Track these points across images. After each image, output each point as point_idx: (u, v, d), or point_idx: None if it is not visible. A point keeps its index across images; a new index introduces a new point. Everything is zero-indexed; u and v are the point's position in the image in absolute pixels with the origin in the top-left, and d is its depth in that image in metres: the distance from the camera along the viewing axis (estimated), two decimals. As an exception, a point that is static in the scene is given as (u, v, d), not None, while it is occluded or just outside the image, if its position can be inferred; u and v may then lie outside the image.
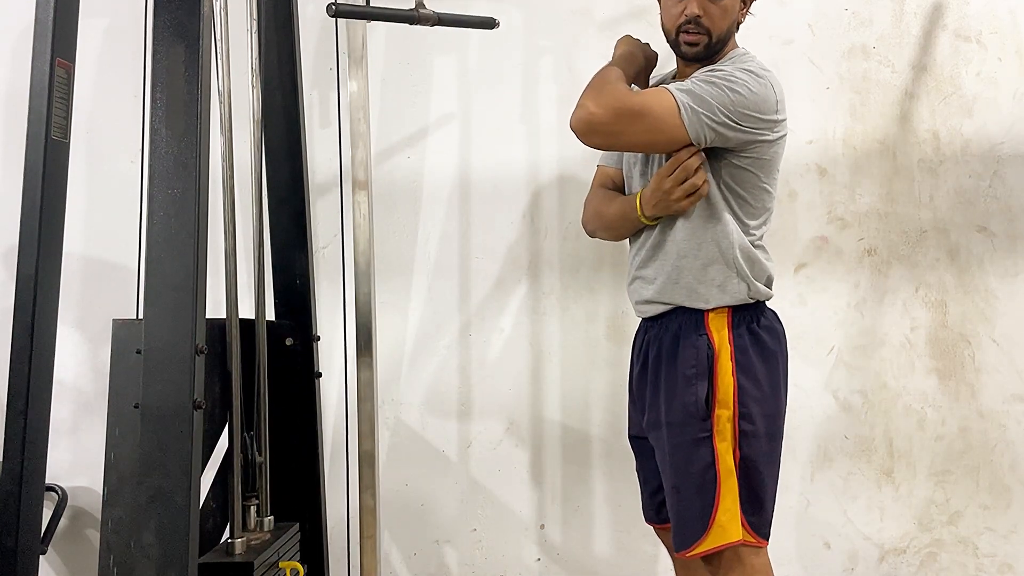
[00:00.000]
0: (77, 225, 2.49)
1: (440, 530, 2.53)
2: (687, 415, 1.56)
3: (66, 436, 2.51)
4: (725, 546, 1.52)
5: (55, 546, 2.51)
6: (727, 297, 1.60)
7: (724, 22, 1.64)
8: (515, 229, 2.53)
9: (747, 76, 1.55)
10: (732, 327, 1.59)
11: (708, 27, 1.62)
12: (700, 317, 1.60)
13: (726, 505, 1.52)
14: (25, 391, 1.57)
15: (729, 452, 1.53)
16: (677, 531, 1.59)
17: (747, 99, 1.53)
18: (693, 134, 1.52)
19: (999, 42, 2.44)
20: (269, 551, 1.69)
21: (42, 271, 1.59)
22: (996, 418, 2.40)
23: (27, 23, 1.68)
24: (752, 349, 1.58)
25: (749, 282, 1.60)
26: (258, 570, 1.61)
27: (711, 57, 1.67)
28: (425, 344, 2.53)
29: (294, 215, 2.04)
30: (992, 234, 2.41)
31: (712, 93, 1.52)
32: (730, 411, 1.54)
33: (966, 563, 2.41)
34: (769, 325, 1.63)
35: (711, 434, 1.53)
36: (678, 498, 1.57)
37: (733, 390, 1.54)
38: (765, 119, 1.56)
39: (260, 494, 1.81)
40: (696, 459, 1.54)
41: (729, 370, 1.55)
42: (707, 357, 1.56)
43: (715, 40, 1.65)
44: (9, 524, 1.55)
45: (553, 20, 2.54)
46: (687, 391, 1.56)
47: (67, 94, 1.65)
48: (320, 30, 2.52)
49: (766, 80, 1.58)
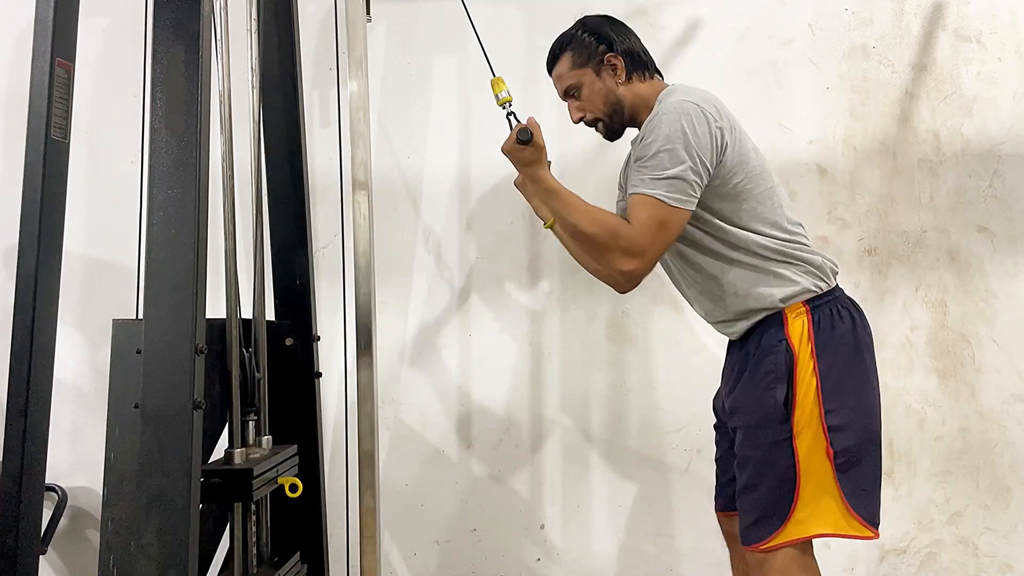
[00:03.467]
0: (77, 225, 2.49)
1: (440, 530, 2.53)
2: (766, 417, 1.58)
3: (66, 436, 2.51)
4: (790, 543, 1.55)
5: (55, 546, 2.51)
6: (779, 303, 1.60)
7: (598, 103, 1.73)
8: (515, 229, 2.53)
9: (667, 123, 1.55)
10: (811, 325, 1.58)
11: (593, 116, 1.74)
12: (778, 318, 1.60)
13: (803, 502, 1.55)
14: (25, 391, 1.56)
15: (815, 449, 1.55)
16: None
17: (687, 137, 1.53)
18: (689, 200, 1.54)
19: (999, 42, 2.44)
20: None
21: (42, 271, 1.59)
22: (996, 418, 2.40)
23: (27, 23, 1.68)
24: (830, 346, 1.57)
25: (789, 281, 1.61)
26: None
27: (631, 122, 1.74)
28: (425, 344, 2.53)
29: (294, 215, 2.04)
30: (992, 234, 2.41)
31: (661, 160, 1.53)
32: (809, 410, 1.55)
33: (966, 563, 2.41)
34: (843, 314, 1.61)
35: (791, 435, 1.55)
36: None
37: (815, 389, 1.55)
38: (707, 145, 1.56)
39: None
40: (777, 458, 1.57)
41: (808, 371, 1.55)
42: (786, 362, 1.57)
43: (608, 118, 1.74)
44: (9, 524, 1.54)
45: (553, 20, 2.53)
46: (766, 394, 1.58)
47: (67, 94, 1.65)
48: (320, 30, 2.52)
49: (683, 110, 1.55)
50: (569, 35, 1.76)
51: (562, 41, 1.76)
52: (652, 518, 2.49)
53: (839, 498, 1.54)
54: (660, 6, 2.51)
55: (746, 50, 2.49)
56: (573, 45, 1.73)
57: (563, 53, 1.74)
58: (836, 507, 1.54)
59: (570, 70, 1.73)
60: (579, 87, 1.73)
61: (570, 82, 1.74)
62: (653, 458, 2.49)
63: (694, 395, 2.46)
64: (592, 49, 1.71)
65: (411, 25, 2.55)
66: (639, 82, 1.72)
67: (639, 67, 1.72)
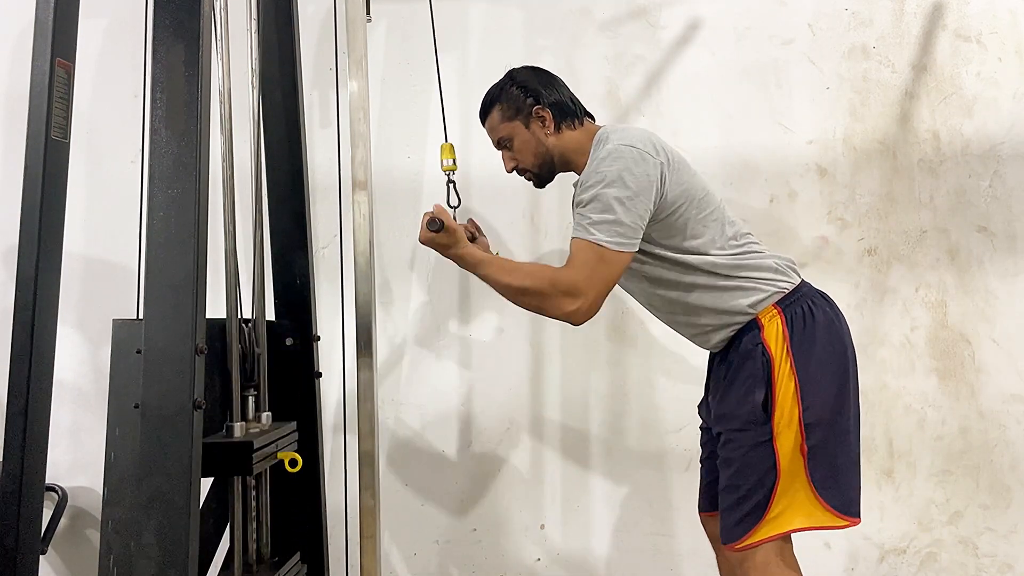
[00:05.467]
0: (77, 225, 2.49)
1: (440, 530, 2.53)
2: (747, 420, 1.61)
3: (66, 436, 2.51)
4: (768, 539, 1.57)
5: (55, 546, 2.51)
6: (749, 309, 1.64)
7: (528, 155, 1.78)
8: (515, 229, 2.53)
9: (605, 167, 1.58)
10: (785, 326, 1.61)
11: (525, 167, 1.80)
12: (753, 324, 1.64)
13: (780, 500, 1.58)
14: (25, 391, 1.56)
15: (793, 447, 1.57)
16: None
17: (625, 180, 1.55)
18: (628, 243, 1.56)
19: (999, 42, 2.44)
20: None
21: (42, 271, 1.59)
22: (996, 418, 2.40)
23: (27, 23, 1.68)
24: (804, 344, 1.60)
25: (752, 288, 1.64)
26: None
27: (563, 168, 1.79)
28: (425, 344, 2.53)
29: (294, 215, 2.04)
30: (992, 234, 2.41)
31: (598, 205, 1.56)
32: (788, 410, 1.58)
33: (966, 563, 2.41)
34: (813, 310, 1.64)
35: (772, 436, 1.57)
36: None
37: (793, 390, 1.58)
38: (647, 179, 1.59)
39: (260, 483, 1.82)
40: (759, 460, 1.59)
41: (786, 372, 1.58)
42: (763, 364, 1.60)
43: (538, 168, 1.80)
44: (9, 524, 1.55)
45: (553, 20, 2.54)
46: (747, 398, 1.61)
47: (67, 94, 1.65)
48: (320, 30, 2.52)
49: (619, 154, 1.58)
50: (498, 88, 1.80)
51: (492, 94, 1.80)
52: (652, 518, 2.49)
53: (810, 490, 1.57)
54: (660, 6, 2.51)
55: (746, 50, 2.49)
56: (503, 98, 1.78)
57: (494, 106, 1.79)
58: (808, 500, 1.57)
59: (500, 123, 1.78)
60: (510, 139, 1.78)
61: (502, 134, 1.79)
62: (653, 458, 2.49)
63: (694, 395, 2.45)
64: (521, 102, 1.76)
65: (411, 25, 2.56)
66: (568, 131, 1.76)
67: (567, 116, 1.76)
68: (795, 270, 1.72)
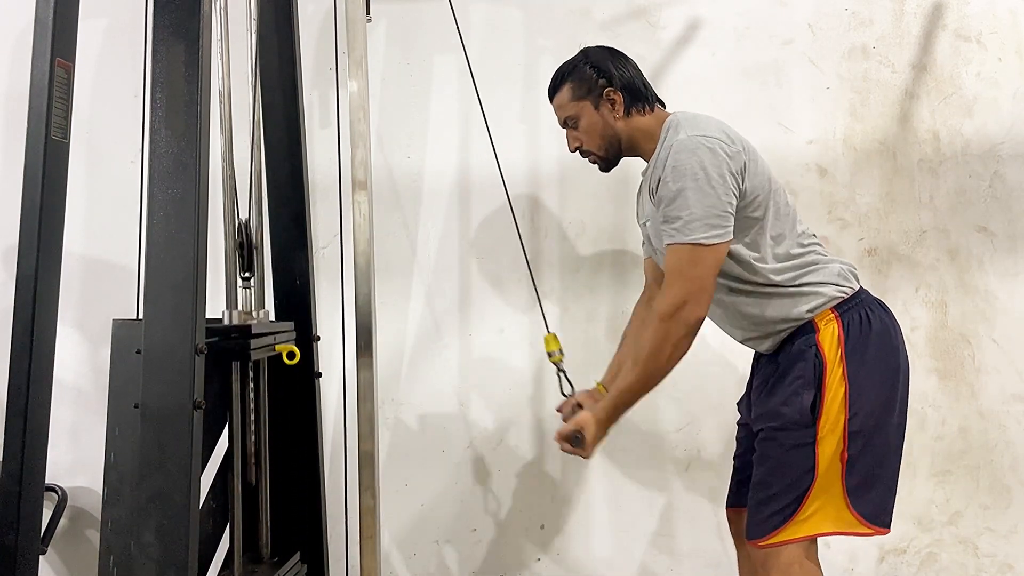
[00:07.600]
0: (77, 225, 2.49)
1: (440, 530, 2.53)
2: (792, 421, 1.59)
3: (66, 436, 2.51)
4: (794, 540, 1.57)
5: (55, 546, 2.51)
6: (807, 314, 1.62)
7: (594, 137, 1.74)
8: (515, 230, 2.53)
9: (684, 162, 1.55)
10: (841, 330, 1.59)
11: (590, 148, 1.76)
12: (809, 326, 1.62)
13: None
14: (25, 391, 1.56)
15: (834, 453, 1.56)
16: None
17: (708, 172, 1.53)
18: (723, 233, 1.54)
19: (999, 42, 2.44)
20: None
21: (42, 271, 1.59)
22: (996, 418, 2.40)
23: (27, 23, 1.68)
24: (858, 351, 1.59)
25: (814, 294, 1.63)
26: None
27: (629, 153, 1.76)
28: (425, 344, 2.53)
29: (294, 215, 2.04)
30: (992, 234, 2.41)
31: (686, 201, 1.53)
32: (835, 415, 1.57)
33: (966, 563, 2.41)
34: (871, 317, 1.63)
35: (815, 440, 1.56)
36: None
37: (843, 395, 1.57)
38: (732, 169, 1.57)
39: (259, 483, 1.82)
40: (797, 461, 1.58)
41: (837, 377, 1.57)
42: (815, 367, 1.58)
43: (604, 152, 1.75)
44: (9, 524, 1.54)
45: (553, 20, 2.54)
46: (794, 398, 1.59)
47: (67, 94, 1.65)
48: (320, 30, 2.52)
49: (696, 146, 1.56)
50: (571, 65, 1.75)
51: (564, 71, 1.76)
52: (652, 518, 2.49)
53: (843, 497, 1.56)
54: (660, 6, 2.51)
55: (746, 50, 2.49)
56: (574, 76, 1.73)
57: (564, 83, 1.75)
58: (839, 506, 1.57)
59: (570, 101, 1.74)
60: (577, 118, 1.74)
61: (569, 113, 1.75)
62: (653, 458, 2.49)
63: (694, 395, 2.46)
64: (592, 82, 1.71)
65: (411, 25, 2.55)
66: (638, 116, 1.72)
67: (639, 101, 1.72)
68: (856, 275, 1.69)
